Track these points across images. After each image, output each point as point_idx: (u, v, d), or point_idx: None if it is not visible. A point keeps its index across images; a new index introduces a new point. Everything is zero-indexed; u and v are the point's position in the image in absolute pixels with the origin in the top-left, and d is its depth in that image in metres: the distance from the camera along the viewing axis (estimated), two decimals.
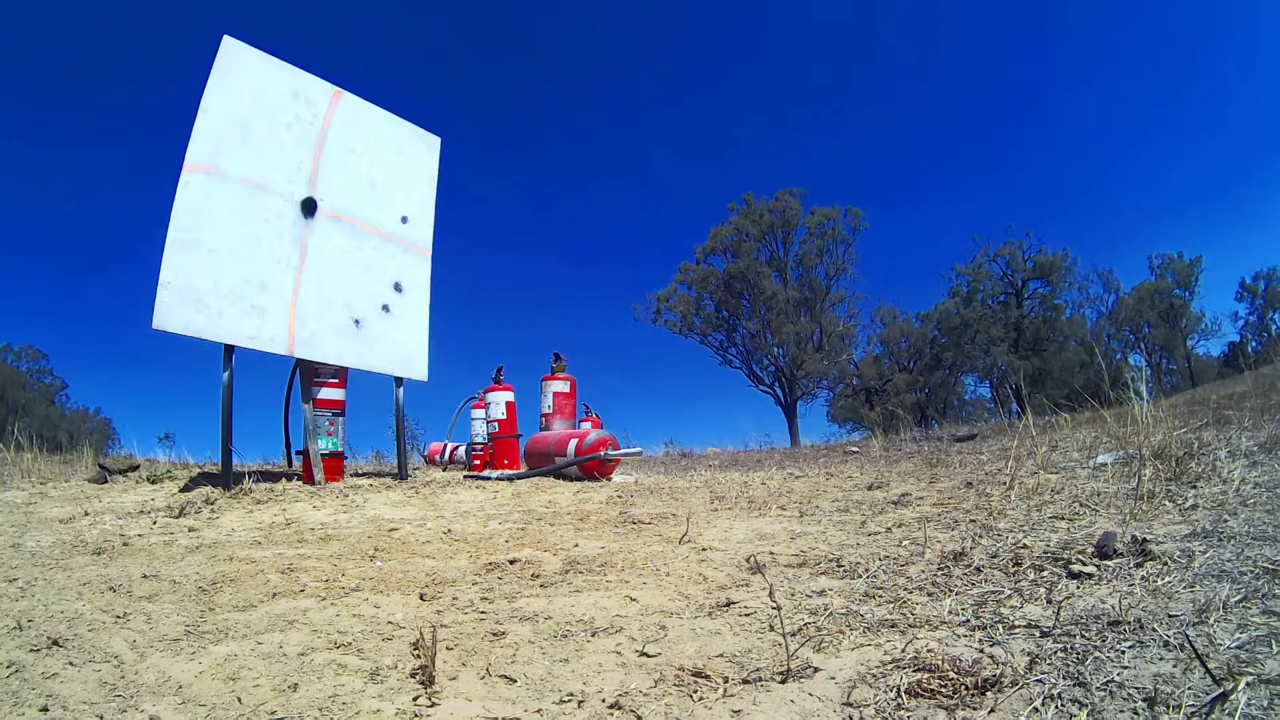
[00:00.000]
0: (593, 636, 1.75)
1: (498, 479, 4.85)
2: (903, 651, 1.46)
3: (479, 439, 6.54)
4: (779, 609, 1.69)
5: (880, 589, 1.95)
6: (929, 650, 1.44)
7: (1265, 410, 4.90)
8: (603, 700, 1.39)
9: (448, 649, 1.68)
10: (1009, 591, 1.78)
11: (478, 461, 6.44)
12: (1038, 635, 1.47)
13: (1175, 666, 1.23)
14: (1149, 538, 1.98)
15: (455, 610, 2.01)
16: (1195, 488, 2.67)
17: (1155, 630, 1.38)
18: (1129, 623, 1.43)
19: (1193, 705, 1.09)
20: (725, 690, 1.39)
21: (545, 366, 6.40)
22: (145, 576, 2.28)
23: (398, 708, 1.38)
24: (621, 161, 67.87)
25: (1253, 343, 35.85)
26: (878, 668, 1.41)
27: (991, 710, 1.19)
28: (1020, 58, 59.67)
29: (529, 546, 2.83)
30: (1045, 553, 2.06)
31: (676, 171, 65.15)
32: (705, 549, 2.65)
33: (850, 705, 1.28)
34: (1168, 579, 1.68)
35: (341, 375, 5.01)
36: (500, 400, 6.19)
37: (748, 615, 1.83)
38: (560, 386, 6.25)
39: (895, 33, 63.14)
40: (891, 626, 1.64)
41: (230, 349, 4.32)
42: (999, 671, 1.30)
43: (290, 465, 5.61)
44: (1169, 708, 1.10)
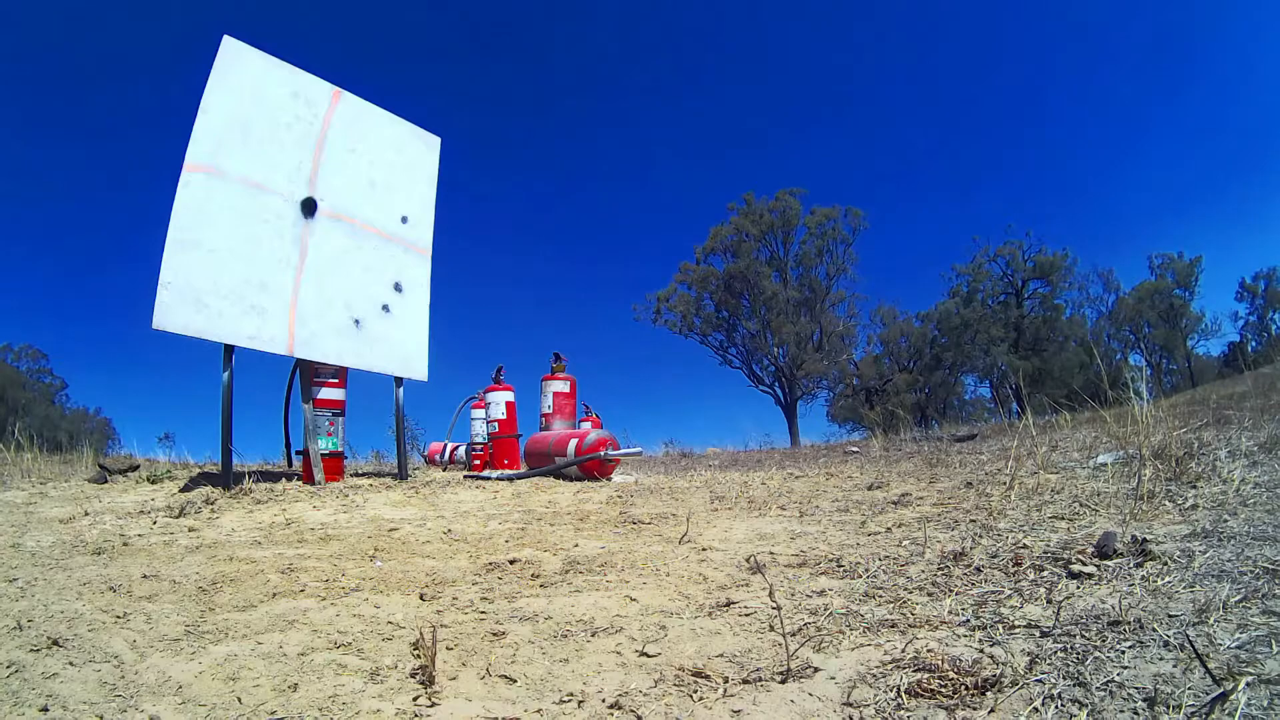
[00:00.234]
0: (593, 636, 1.75)
1: (498, 479, 4.85)
2: (903, 651, 1.46)
3: (479, 439, 6.54)
4: (779, 609, 1.69)
5: (880, 589, 1.95)
6: (929, 650, 1.44)
7: (1265, 410, 4.90)
8: (603, 700, 1.39)
9: (448, 649, 1.68)
10: (1009, 591, 1.78)
11: (478, 461, 6.44)
12: (1038, 635, 1.47)
13: (1175, 666, 1.23)
14: (1149, 538, 1.98)
15: (455, 610, 2.01)
16: (1195, 488, 2.67)
17: (1155, 630, 1.38)
18: (1129, 623, 1.43)
19: (1193, 705, 1.09)
20: (725, 690, 1.39)
21: (545, 366, 6.40)
22: (145, 576, 2.28)
23: (398, 708, 1.38)
24: (621, 161, 67.90)
25: (1253, 343, 35.87)
26: (878, 668, 1.41)
27: (991, 710, 1.19)
28: (1020, 58, 59.73)
29: (529, 546, 2.83)
30: (1045, 553, 2.06)
31: (676, 171, 65.20)
32: (705, 549, 2.65)
33: (850, 705, 1.28)
34: (1168, 579, 1.69)
35: (341, 375, 5.02)
36: (500, 400, 6.19)
37: (748, 615, 1.83)
38: (560, 386, 6.25)
39: (895, 32, 63.17)
40: (891, 626, 1.64)
41: (230, 349, 4.32)
42: (999, 671, 1.30)
43: (290, 465, 5.61)
44: (1169, 708, 1.10)
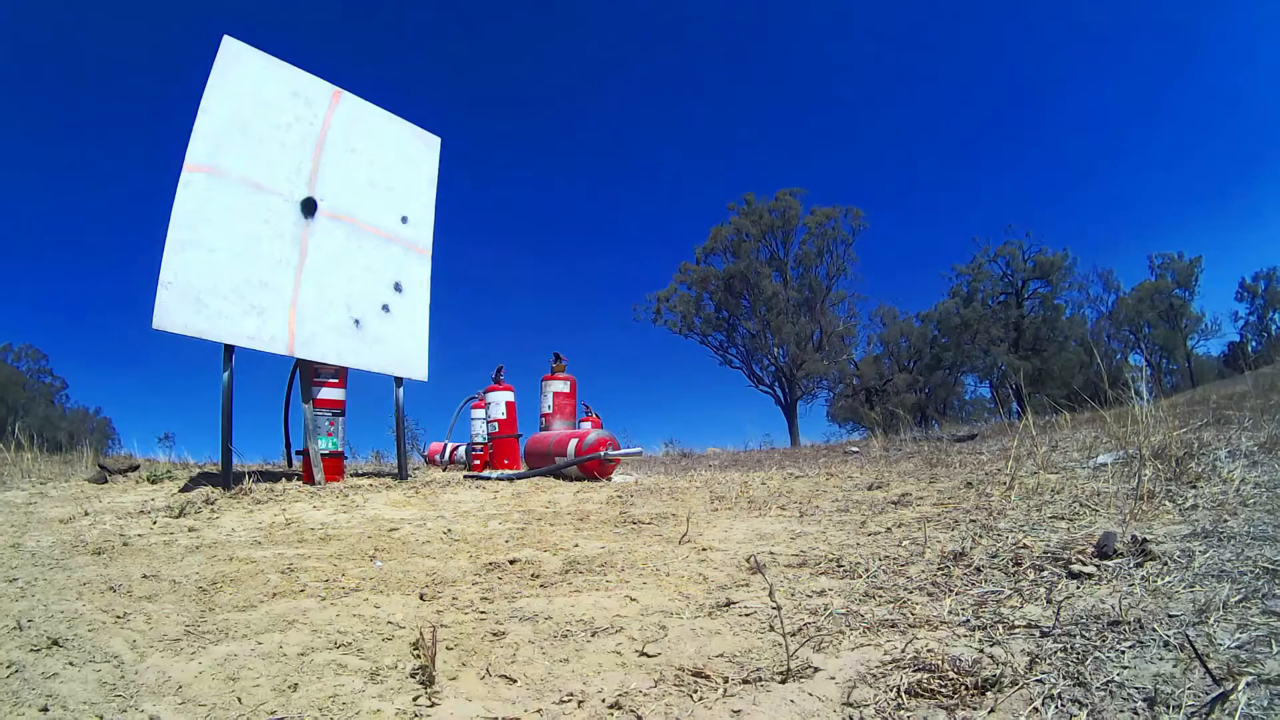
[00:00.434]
0: (593, 636, 1.75)
1: (498, 479, 4.85)
2: (903, 651, 1.46)
3: (479, 439, 6.54)
4: (779, 609, 1.69)
5: (880, 589, 1.95)
6: (929, 650, 1.44)
7: (1265, 410, 4.89)
8: (603, 700, 1.39)
9: (448, 649, 1.68)
10: (1009, 591, 1.78)
11: (478, 461, 6.44)
12: (1038, 635, 1.47)
13: (1175, 666, 1.23)
14: (1149, 538, 1.98)
15: (455, 610, 2.01)
16: (1195, 488, 2.66)
17: (1155, 630, 1.38)
18: (1129, 623, 1.43)
19: (1193, 705, 1.09)
20: (725, 690, 1.39)
21: (545, 366, 6.40)
22: (145, 576, 2.28)
23: (398, 708, 1.38)
24: (622, 161, 67.94)
25: (1253, 343, 35.91)
26: (878, 668, 1.41)
27: (991, 710, 1.19)
28: (1020, 58, 59.72)
29: (529, 546, 2.83)
30: (1045, 553, 2.06)
31: (676, 171, 65.22)
32: (705, 549, 2.65)
33: (850, 705, 1.28)
34: (1168, 579, 1.68)
35: (341, 375, 5.02)
36: (500, 400, 6.19)
37: (748, 615, 1.83)
38: (560, 386, 6.25)
39: (895, 33, 63.16)
40: (891, 626, 1.64)
41: (230, 349, 4.32)
42: (999, 671, 1.30)
43: (290, 465, 5.61)
44: (1169, 708, 1.10)
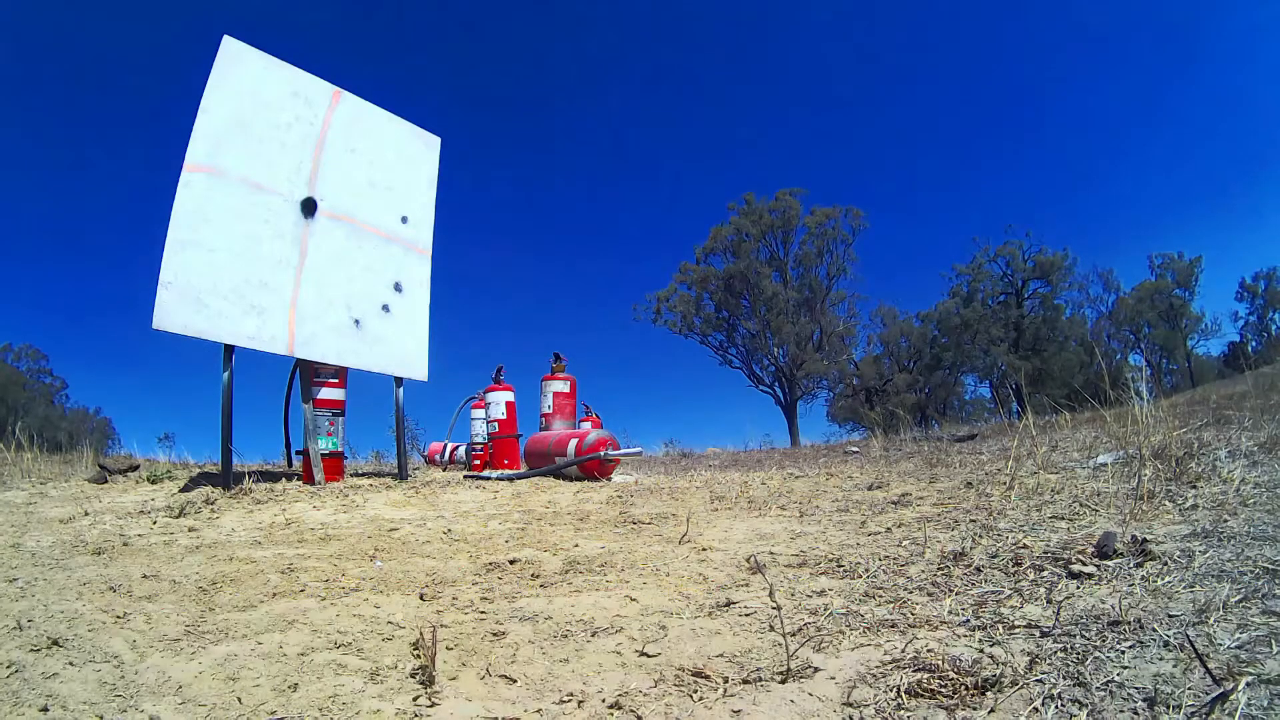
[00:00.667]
0: (593, 636, 1.75)
1: (498, 479, 4.85)
2: (903, 651, 1.46)
3: (479, 439, 6.54)
4: (779, 609, 1.69)
5: (880, 589, 1.95)
6: (929, 650, 1.44)
7: (1265, 410, 4.89)
8: (603, 700, 1.39)
9: (448, 649, 1.68)
10: (1009, 591, 1.78)
11: (478, 461, 6.44)
12: (1038, 635, 1.47)
13: (1175, 666, 1.23)
14: (1149, 538, 1.98)
15: (455, 610, 2.01)
16: (1195, 488, 2.66)
17: (1155, 630, 1.38)
18: (1129, 623, 1.43)
19: (1193, 705, 1.09)
20: (725, 690, 1.39)
21: (545, 366, 6.40)
22: (145, 576, 2.28)
23: (398, 708, 1.38)
24: (622, 161, 67.95)
25: (1253, 343, 35.91)
26: (878, 668, 1.41)
27: (991, 710, 1.19)
28: (1020, 57, 59.71)
29: (529, 546, 2.83)
30: (1045, 553, 2.06)
31: (676, 171, 65.21)
32: (705, 549, 2.65)
33: (850, 705, 1.28)
34: (1168, 579, 1.68)
35: (341, 375, 5.02)
36: (500, 400, 6.19)
37: (748, 615, 1.83)
38: (560, 386, 6.25)
39: (895, 32, 63.14)
40: (891, 626, 1.64)
41: (230, 349, 4.32)
42: (999, 671, 1.30)
43: (290, 465, 5.61)
44: (1169, 708, 1.10)
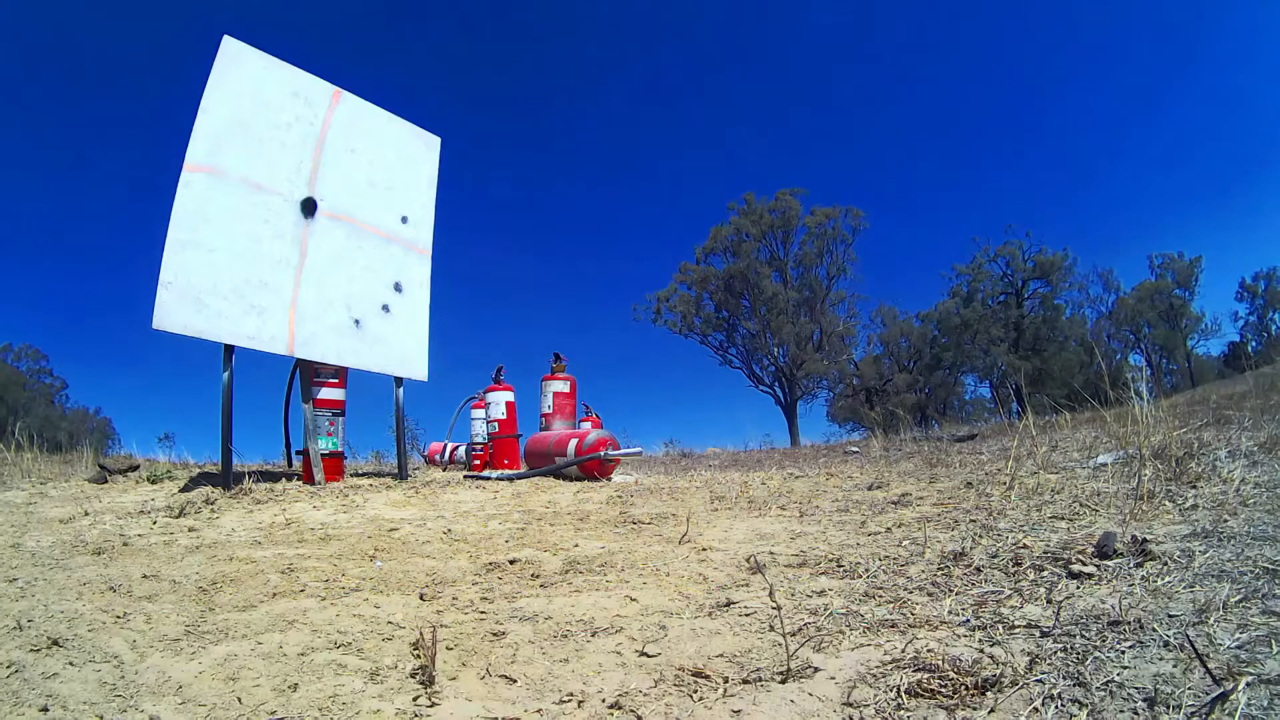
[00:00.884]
0: (593, 636, 1.75)
1: (498, 479, 4.85)
2: (903, 651, 1.46)
3: (479, 439, 6.54)
4: (779, 609, 1.69)
5: (880, 589, 1.95)
6: (929, 650, 1.44)
7: (1265, 410, 4.89)
8: (603, 700, 1.39)
9: (448, 649, 1.68)
10: (1009, 591, 1.78)
11: (478, 461, 6.44)
12: (1038, 635, 1.46)
13: (1175, 666, 1.23)
14: (1149, 538, 1.98)
15: (455, 610, 2.01)
16: (1195, 488, 2.66)
17: (1155, 630, 1.38)
18: (1129, 623, 1.43)
19: (1193, 705, 1.09)
20: (725, 690, 1.39)
21: (545, 366, 6.40)
22: (145, 576, 2.28)
23: (398, 708, 1.38)
24: (622, 161, 67.94)
25: (1253, 343, 35.91)
26: (878, 668, 1.41)
27: (991, 710, 1.19)
28: (1020, 57, 59.71)
29: (529, 546, 2.83)
30: (1045, 553, 2.06)
31: (676, 171, 65.19)
32: (705, 549, 2.65)
33: (850, 705, 1.28)
34: (1168, 579, 1.68)
35: (341, 375, 5.02)
36: (500, 400, 6.19)
37: (748, 615, 1.83)
38: (560, 386, 6.25)
39: (895, 32, 63.14)
40: (891, 626, 1.63)
41: (230, 349, 4.32)
42: (999, 671, 1.30)
43: (290, 465, 5.61)
44: (1169, 708, 1.10)
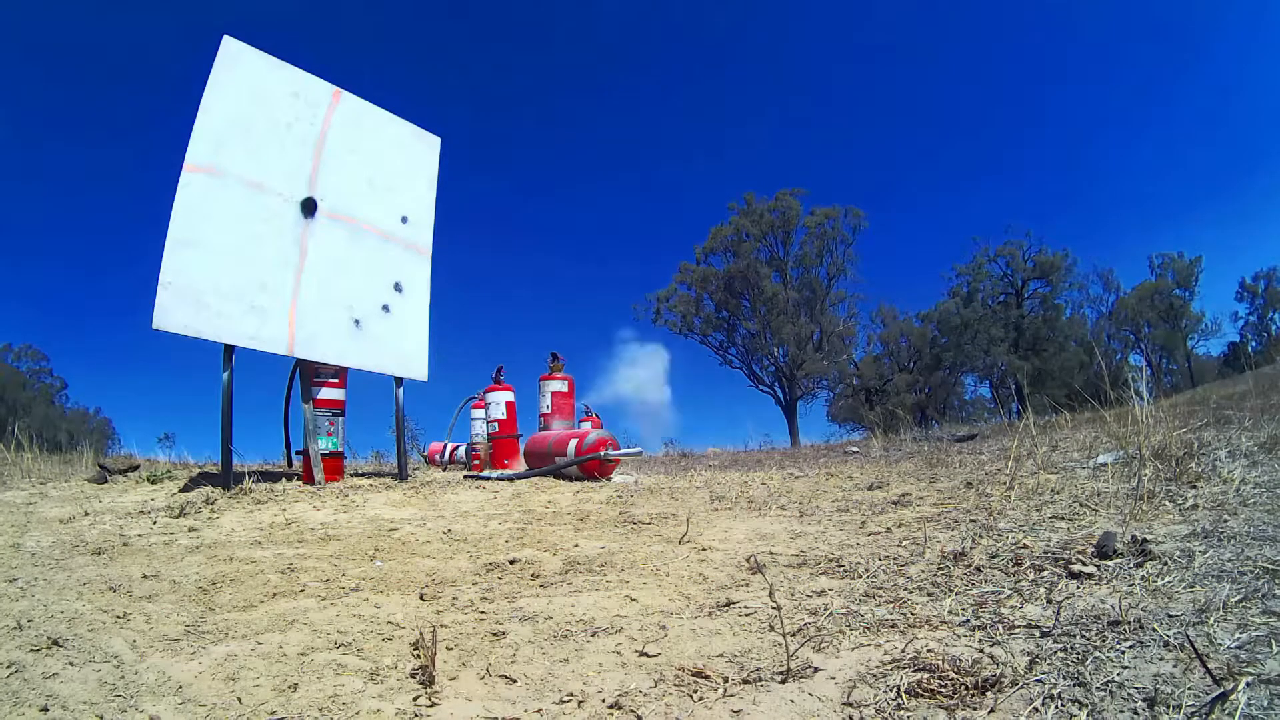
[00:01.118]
0: (593, 636, 1.75)
1: (498, 479, 4.85)
2: (903, 651, 1.46)
3: (479, 439, 6.54)
4: (779, 609, 1.68)
5: (880, 589, 1.95)
6: (929, 650, 1.44)
7: (1265, 410, 4.89)
8: (603, 700, 1.39)
9: (448, 649, 1.68)
10: (1009, 591, 1.78)
11: (477, 461, 6.44)
12: (1038, 635, 1.46)
13: (1175, 666, 1.23)
14: (1149, 538, 1.98)
15: (455, 610, 2.01)
16: (1195, 488, 2.66)
17: (1155, 630, 1.38)
18: (1129, 623, 1.43)
19: (1193, 705, 1.09)
20: (725, 690, 1.39)
21: (545, 366, 6.41)
22: (145, 576, 2.29)
23: (398, 708, 1.38)
24: (622, 161, 67.96)
25: (1253, 343, 35.87)
26: (878, 668, 1.41)
27: (991, 710, 1.19)
28: (1020, 57, 59.64)
29: (529, 546, 2.83)
30: (1045, 553, 2.06)
31: (677, 171, 65.18)
32: (705, 549, 2.65)
33: (850, 705, 1.28)
34: (1168, 579, 1.68)
35: (341, 375, 5.02)
36: (500, 400, 6.20)
37: (748, 615, 1.83)
38: (558, 386, 6.25)
39: (895, 32, 63.14)
40: (891, 626, 1.64)
41: (230, 349, 4.32)
42: (999, 671, 1.30)
43: (290, 465, 5.61)
44: (1169, 708, 1.10)
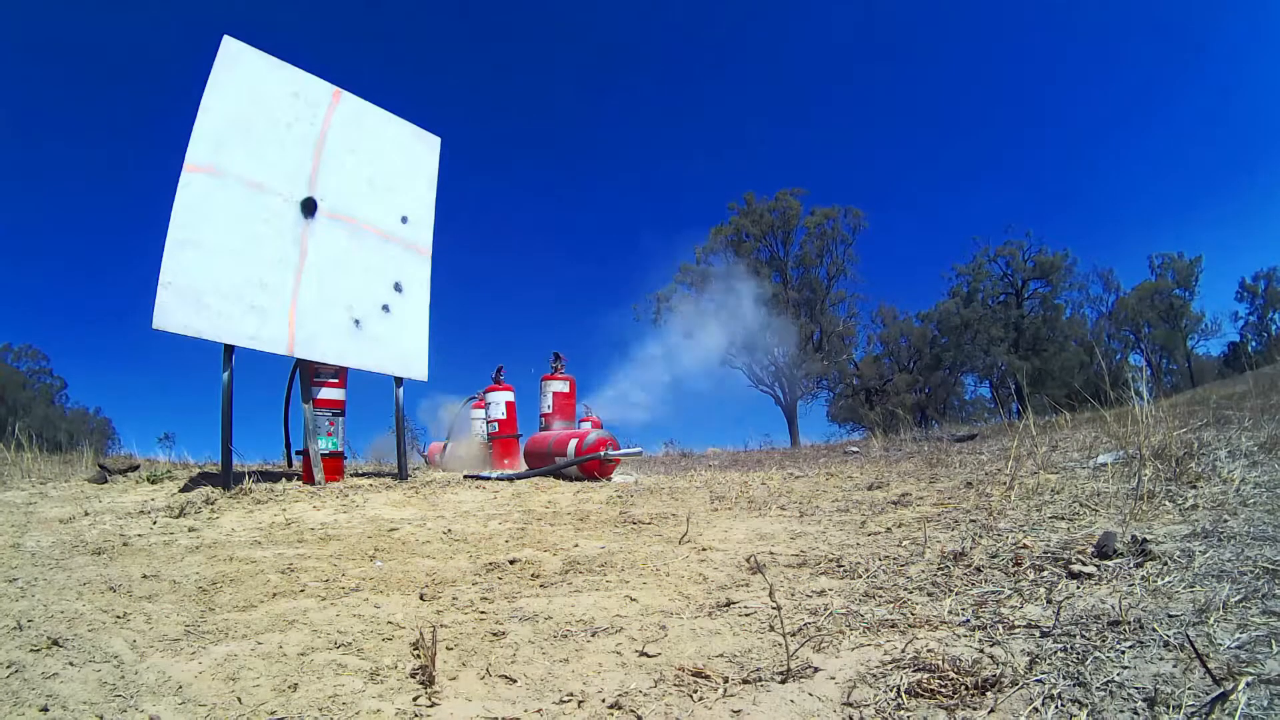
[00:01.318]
0: (593, 636, 1.75)
1: (498, 479, 4.85)
2: (903, 651, 1.46)
3: (479, 439, 6.55)
4: (779, 609, 1.68)
5: (880, 589, 1.95)
6: (929, 650, 1.44)
7: (1265, 410, 4.89)
8: (603, 700, 1.39)
9: (448, 649, 1.68)
10: (1009, 591, 1.78)
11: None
12: (1038, 635, 1.47)
13: (1175, 666, 1.23)
14: (1149, 538, 1.98)
15: (455, 610, 2.01)
16: (1195, 488, 2.66)
17: (1155, 630, 1.38)
18: (1129, 623, 1.43)
19: (1193, 705, 1.09)
20: (725, 690, 1.39)
21: (545, 366, 6.41)
22: (145, 576, 2.29)
23: (398, 708, 1.38)
24: (622, 161, 67.91)
25: (1253, 343, 35.85)
26: (878, 668, 1.41)
27: (991, 710, 1.19)
28: (1020, 57, 59.60)
29: (529, 546, 2.83)
30: (1045, 553, 2.06)
31: (677, 171, 65.12)
32: (705, 549, 2.65)
33: (850, 705, 1.28)
34: (1168, 579, 1.68)
35: (341, 375, 5.02)
36: (500, 400, 6.20)
37: (748, 615, 1.83)
38: (560, 386, 6.26)
39: (895, 32, 63.12)
40: (891, 626, 1.64)
41: (230, 349, 4.33)
42: (999, 671, 1.30)
43: (290, 465, 5.61)
44: (1169, 708, 1.10)
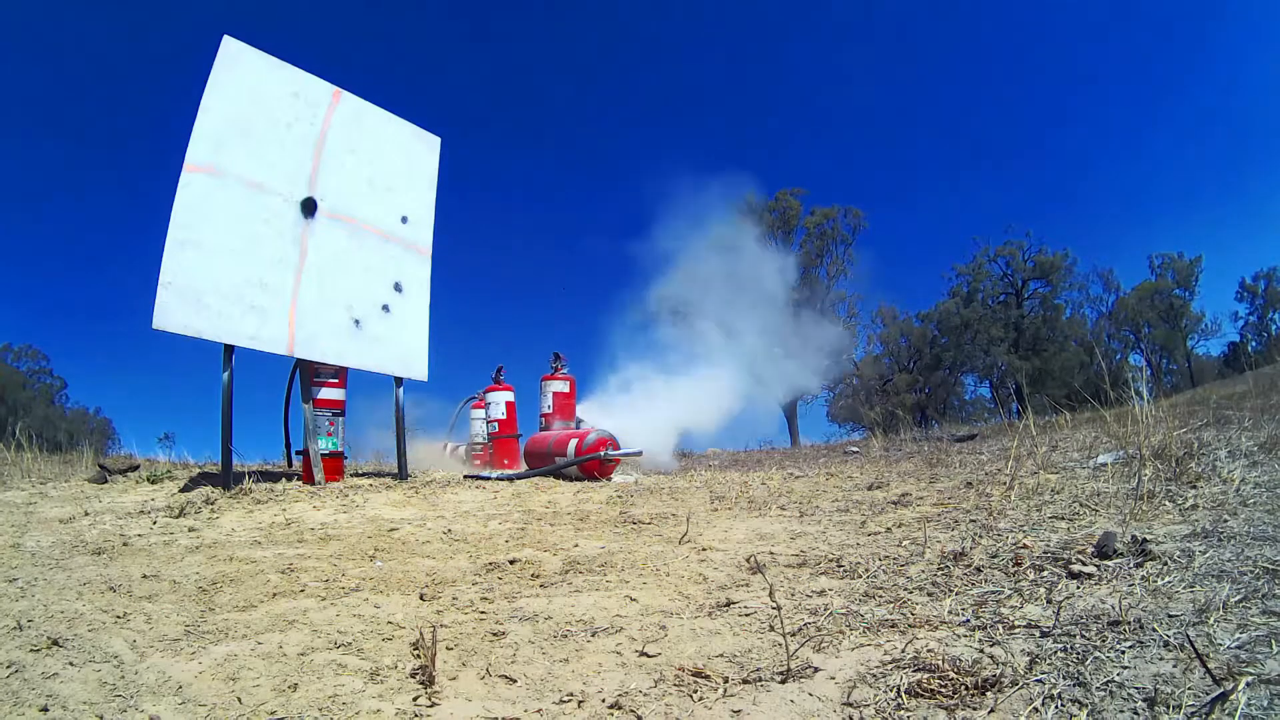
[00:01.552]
0: (593, 636, 1.75)
1: (498, 479, 4.85)
2: (903, 651, 1.46)
3: (479, 439, 6.55)
4: (779, 609, 1.69)
5: (880, 589, 1.95)
6: (929, 650, 1.44)
7: (1265, 410, 4.89)
8: (603, 700, 1.39)
9: (448, 649, 1.68)
10: (1009, 591, 1.78)
11: (477, 461, 6.44)
12: (1038, 635, 1.47)
13: (1175, 666, 1.23)
14: (1149, 538, 1.98)
15: (455, 610, 2.01)
16: (1195, 488, 2.66)
17: (1155, 630, 1.38)
18: (1129, 623, 1.43)
19: (1193, 705, 1.09)
20: (725, 690, 1.39)
21: (545, 366, 6.41)
22: (145, 576, 2.29)
23: (398, 708, 1.38)
24: (622, 161, 67.89)
25: (1253, 343, 35.83)
26: (878, 668, 1.41)
27: (991, 710, 1.19)
28: (1020, 58, 59.61)
29: (529, 546, 2.83)
30: (1045, 553, 2.06)
31: (677, 171, 65.06)
32: (705, 549, 2.65)
33: (850, 705, 1.28)
34: (1168, 579, 1.68)
35: (341, 375, 5.02)
36: (500, 400, 6.20)
37: (748, 615, 1.83)
38: (560, 386, 6.26)
39: (896, 33, 63.14)
40: (891, 626, 1.64)
41: (230, 349, 4.33)
42: (999, 671, 1.30)
43: (290, 465, 5.61)
44: (1169, 708, 1.10)
